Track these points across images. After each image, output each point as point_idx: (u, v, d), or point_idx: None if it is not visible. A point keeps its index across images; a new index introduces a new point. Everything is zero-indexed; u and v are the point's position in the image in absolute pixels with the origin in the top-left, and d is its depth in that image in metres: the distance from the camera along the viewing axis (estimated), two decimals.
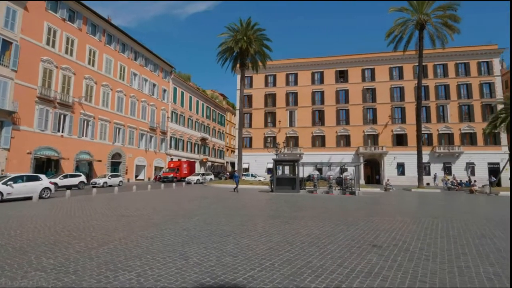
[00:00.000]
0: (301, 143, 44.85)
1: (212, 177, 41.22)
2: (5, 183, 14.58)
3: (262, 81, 47.43)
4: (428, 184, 35.78)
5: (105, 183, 27.28)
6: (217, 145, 64.70)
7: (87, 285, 3.74)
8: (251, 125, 47.32)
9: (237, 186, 22.26)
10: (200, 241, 6.12)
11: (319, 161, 31.34)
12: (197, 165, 50.90)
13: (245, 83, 41.67)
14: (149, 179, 40.41)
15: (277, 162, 23.53)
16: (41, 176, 16.83)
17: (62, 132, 27.76)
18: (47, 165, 27.01)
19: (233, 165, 64.53)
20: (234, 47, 31.87)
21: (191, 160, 48.11)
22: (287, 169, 23.77)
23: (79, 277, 4.01)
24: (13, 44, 23.42)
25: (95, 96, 31.87)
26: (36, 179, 16.22)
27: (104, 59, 33.43)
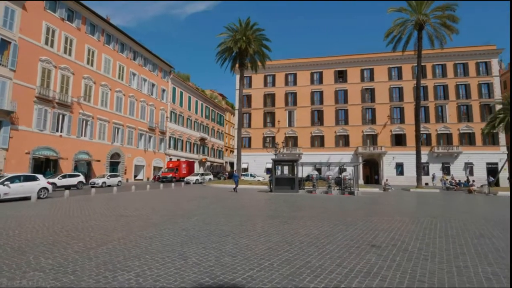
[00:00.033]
0: (300, 143, 44.88)
1: (211, 177, 41.22)
2: (2, 183, 14.44)
3: (261, 81, 47.45)
4: (426, 184, 35.86)
5: (104, 183, 27.23)
6: (216, 145, 64.68)
7: (86, 285, 3.73)
8: (250, 125, 47.32)
9: (237, 186, 22.28)
10: (199, 241, 6.12)
11: (318, 161, 31.36)
12: (196, 165, 50.86)
13: (244, 83, 41.65)
14: (148, 179, 40.37)
15: (276, 162, 23.53)
16: (38, 176, 16.67)
17: (60, 132, 27.71)
18: (46, 165, 26.96)
19: (232, 165, 64.49)
20: (233, 47, 31.86)
21: (190, 160, 48.06)
22: (286, 169, 23.77)
23: (77, 277, 4.01)
24: (12, 43, 23.38)
25: (94, 96, 31.81)
26: (33, 179, 16.07)
27: (103, 59, 33.37)
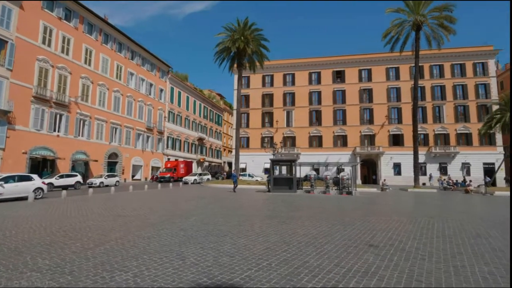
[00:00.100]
0: (298, 143, 44.93)
1: (209, 177, 41.20)
2: None
3: (259, 81, 47.47)
4: (424, 184, 36.01)
5: (102, 183, 27.14)
6: (214, 145, 64.63)
7: (83, 285, 3.72)
8: (248, 125, 47.31)
9: (236, 186, 22.28)
10: (197, 241, 6.11)
11: (316, 161, 31.44)
12: (194, 165, 50.82)
13: (243, 83, 41.62)
14: (146, 179, 40.26)
15: (274, 162, 23.54)
16: (33, 176, 16.49)
17: (58, 131, 27.57)
18: (43, 165, 26.82)
19: (230, 165, 64.43)
20: (231, 47, 31.83)
21: (188, 160, 48.00)
22: (284, 169, 23.84)
23: (75, 277, 3.99)
24: (9, 43, 23.23)
25: (91, 95, 31.67)
26: (28, 179, 15.87)
27: (100, 58, 33.24)
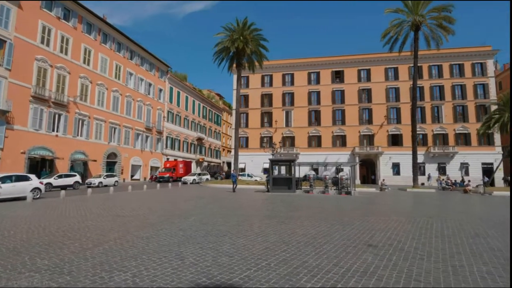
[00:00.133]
0: (297, 143, 44.96)
1: (208, 177, 41.20)
2: None
3: (258, 81, 47.47)
4: (423, 184, 36.09)
5: (100, 183, 27.09)
6: (213, 145, 64.59)
7: (82, 285, 3.71)
8: (247, 125, 47.32)
9: (236, 186, 22.26)
10: (196, 241, 6.11)
11: (315, 161, 31.45)
12: (193, 165, 50.78)
13: (242, 83, 41.59)
14: (145, 179, 40.21)
15: (273, 162, 23.55)
16: (30, 176, 16.44)
17: (56, 131, 27.50)
18: (42, 165, 26.75)
19: (229, 165, 64.41)
20: (230, 47, 31.82)
21: (187, 160, 47.96)
22: (283, 169, 23.84)
23: (73, 278, 3.98)
24: (7, 42, 23.16)
25: (90, 95, 31.60)
26: (25, 179, 15.80)
27: (99, 58, 33.17)
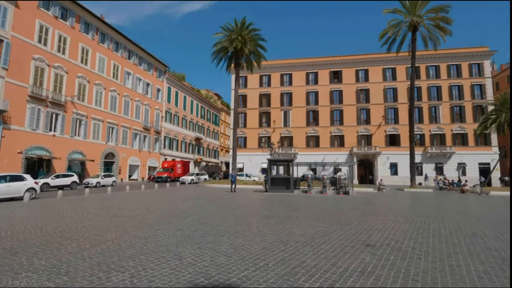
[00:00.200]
0: (296, 143, 45.01)
1: (206, 177, 41.12)
2: None
3: (256, 81, 47.48)
4: (420, 184, 36.23)
5: (98, 183, 26.99)
6: (212, 145, 64.50)
7: (79, 286, 3.70)
8: (245, 125, 47.32)
9: (235, 186, 22.23)
10: (194, 241, 6.10)
11: (313, 161, 31.50)
12: (191, 165, 50.68)
13: (240, 83, 41.62)
14: (142, 179, 40.10)
15: (271, 162, 23.55)
16: (25, 176, 16.29)
17: (54, 131, 27.37)
18: (39, 165, 26.62)
19: (227, 165, 64.43)
20: (228, 47, 31.78)
21: (185, 160, 47.87)
22: (281, 169, 23.85)
23: (71, 278, 3.97)
24: (4, 41, 23.03)
25: (88, 95, 31.47)
26: (20, 179, 15.66)
27: (97, 57, 33.05)
